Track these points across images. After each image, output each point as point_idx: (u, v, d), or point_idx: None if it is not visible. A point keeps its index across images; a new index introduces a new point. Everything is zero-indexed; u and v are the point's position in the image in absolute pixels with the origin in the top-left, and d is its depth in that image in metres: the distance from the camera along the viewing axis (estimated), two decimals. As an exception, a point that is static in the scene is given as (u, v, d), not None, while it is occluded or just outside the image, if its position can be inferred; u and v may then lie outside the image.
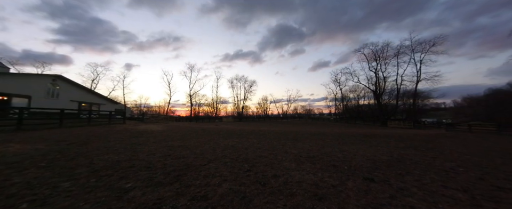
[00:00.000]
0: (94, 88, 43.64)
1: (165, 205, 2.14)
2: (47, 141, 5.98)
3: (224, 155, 4.83)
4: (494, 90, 38.10)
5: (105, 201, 2.17)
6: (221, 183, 2.85)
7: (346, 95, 56.67)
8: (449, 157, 5.51)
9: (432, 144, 8.07)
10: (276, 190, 2.62)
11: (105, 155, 4.44)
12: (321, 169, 3.76)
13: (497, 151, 6.98)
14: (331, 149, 6.12)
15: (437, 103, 48.17)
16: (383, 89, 42.35)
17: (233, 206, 2.16)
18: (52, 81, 20.03)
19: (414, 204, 2.32)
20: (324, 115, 74.86)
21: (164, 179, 2.93)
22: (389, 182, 3.11)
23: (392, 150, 6.21)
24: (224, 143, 6.79)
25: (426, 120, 39.57)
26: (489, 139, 11.19)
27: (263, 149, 5.83)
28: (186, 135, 9.08)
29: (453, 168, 4.21)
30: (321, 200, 2.34)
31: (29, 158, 3.90)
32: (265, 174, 3.36)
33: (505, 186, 3.09)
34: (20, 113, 9.07)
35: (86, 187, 2.54)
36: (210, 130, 12.19)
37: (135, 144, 6.03)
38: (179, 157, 4.53)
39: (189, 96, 55.19)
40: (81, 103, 23.06)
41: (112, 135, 8.09)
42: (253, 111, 72.01)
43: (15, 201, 2.10)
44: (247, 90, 62.44)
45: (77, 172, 3.16)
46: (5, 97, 16.65)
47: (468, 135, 14.33)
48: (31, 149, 4.76)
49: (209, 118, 53.34)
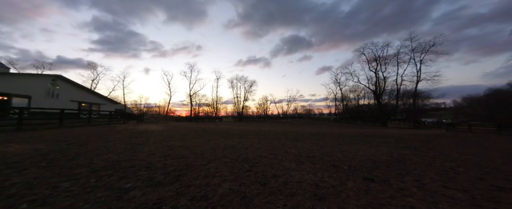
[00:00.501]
0: (94, 88, 43.70)
1: (165, 205, 2.14)
2: (47, 141, 5.98)
3: (224, 155, 4.83)
4: (494, 90, 38.07)
5: (105, 201, 2.17)
6: (221, 183, 2.85)
7: (346, 95, 56.74)
8: (449, 157, 5.51)
9: (432, 144, 8.07)
10: (276, 190, 2.62)
11: (105, 155, 4.44)
12: (321, 169, 3.76)
13: (497, 151, 6.98)
14: (331, 149, 6.12)
15: (437, 103, 48.26)
16: (383, 89, 42.36)
17: (233, 206, 2.16)
18: (51, 81, 20.03)
19: (414, 204, 2.32)
20: (324, 115, 74.88)
21: (164, 179, 2.93)
22: (389, 182, 3.11)
23: (392, 150, 6.21)
24: (224, 143, 6.79)
25: (426, 120, 39.53)
26: (489, 139, 11.19)
27: (263, 149, 5.83)
28: (186, 135, 9.08)
29: (453, 168, 4.21)
30: (321, 200, 2.34)
31: (29, 158, 3.90)
32: (265, 174, 3.36)
33: (505, 186, 3.09)
34: (20, 113, 9.07)
35: (86, 187, 2.54)
36: (210, 130, 12.19)
37: (135, 144, 6.03)
38: (179, 157, 4.53)
39: (189, 96, 55.24)
40: (81, 103, 23.07)
41: (112, 135, 8.09)
42: (253, 111, 72.13)
43: (15, 201, 2.10)
44: (247, 90, 62.51)
45: (77, 172, 3.16)
46: (5, 97, 16.65)
47: (468, 135, 14.33)
48: (31, 149, 4.76)
49: (209, 118, 53.30)
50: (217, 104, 60.99)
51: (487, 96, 38.49)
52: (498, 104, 32.29)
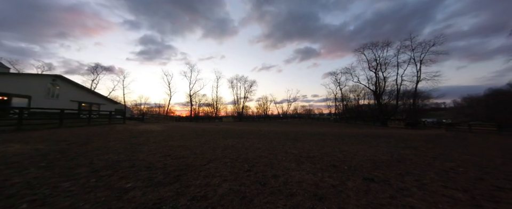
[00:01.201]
0: (94, 88, 43.71)
1: (165, 205, 2.14)
2: (47, 141, 5.98)
3: (224, 155, 4.83)
4: (494, 90, 38.10)
5: (105, 201, 2.17)
6: (221, 183, 2.85)
7: (346, 95, 56.68)
8: (449, 157, 5.51)
9: (432, 144, 8.07)
10: (276, 190, 2.62)
11: (105, 155, 4.44)
12: (321, 169, 3.76)
13: (497, 151, 6.98)
14: (331, 149, 6.12)
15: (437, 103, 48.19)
16: (383, 89, 42.31)
17: (233, 206, 2.16)
18: (51, 81, 20.02)
19: (414, 204, 2.32)
20: (324, 115, 74.79)
21: (164, 179, 2.93)
22: (389, 182, 3.11)
23: (392, 150, 6.21)
24: (224, 143, 6.79)
25: (426, 120, 39.49)
26: (489, 139, 11.19)
27: (263, 149, 5.83)
28: (186, 135, 9.08)
29: (453, 168, 4.21)
30: (321, 200, 2.34)
31: (29, 158, 3.90)
32: (265, 174, 3.36)
33: (505, 186, 3.09)
34: (20, 113, 9.07)
35: (86, 187, 2.54)
36: (210, 130, 12.19)
37: (135, 144, 6.03)
38: (179, 157, 4.53)
39: (189, 96, 55.24)
40: (81, 103, 23.06)
41: (112, 135, 8.09)
42: (253, 111, 72.13)
43: (15, 201, 2.10)
44: (247, 90, 62.49)
45: (77, 172, 3.16)
46: (5, 97, 16.65)
47: (468, 135, 14.33)
48: (31, 149, 4.76)
49: (209, 118, 53.27)
50: (217, 104, 61.07)
51: (487, 96, 38.52)
52: (498, 104, 32.31)
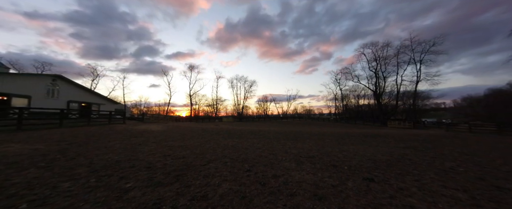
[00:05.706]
0: (94, 88, 43.69)
1: (165, 205, 2.14)
2: (47, 141, 5.98)
3: (224, 155, 4.83)
4: (494, 90, 38.06)
5: (105, 201, 2.17)
6: (221, 183, 2.85)
7: (346, 95, 56.70)
8: (449, 157, 5.51)
9: (432, 144, 8.07)
10: (276, 190, 2.62)
11: (105, 155, 4.44)
12: (321, 169, 3.76)
13: (497, 151, 6.98)
14: (331, 149, 6.12)
15: (437, 103, 48.25)
16: (383, 89, 42.41)
17: (233, 206, 2.16)
18: (51, 81, 20.02)
19: (414, 204, 2.32)
20: (323, 115, 74.80)
21: (164, 179, 2.93)
22: (389, 182, 3.11)
23: (392, 150, 6.21)
24: (224, 143, 6.78)
25: (426, 120, 39.53)
26: (489, 139, 11.18)
27: (263, 149, 5.83)
28: (186, 135, 9.08)
29: (453, 168, 4.21)
30: (321, 200, 2.33)
31: (29, 158, 3.90)
32: (265, 174, 3.36)
33: (505, 186, 3.09)
34: (20, 113, 9.06)
35: (86, 187, 2.54)
36: (210, 130, 12.19)
37: (135, 144, 6.02)
38: (179, 157, 4.53)
39: (189, 96, 55.24)
40: (81, 103, 23.06)
41: (112, 135, 8.08)
42: (253, 111, 72.12)
43: (15, 201, 2.10)
44: (247, 90, 62.51)
45: (77, 172, 3.16)
46: (5, 97, 16.64)
47: (468, 135, 14.32)
48: (31, 149, 4.75)
49: (209, 118, 53.24)
50: (217, 104, 61.07)
51: (487, 96, 38.47)
52: (498, 104, 32.27)
